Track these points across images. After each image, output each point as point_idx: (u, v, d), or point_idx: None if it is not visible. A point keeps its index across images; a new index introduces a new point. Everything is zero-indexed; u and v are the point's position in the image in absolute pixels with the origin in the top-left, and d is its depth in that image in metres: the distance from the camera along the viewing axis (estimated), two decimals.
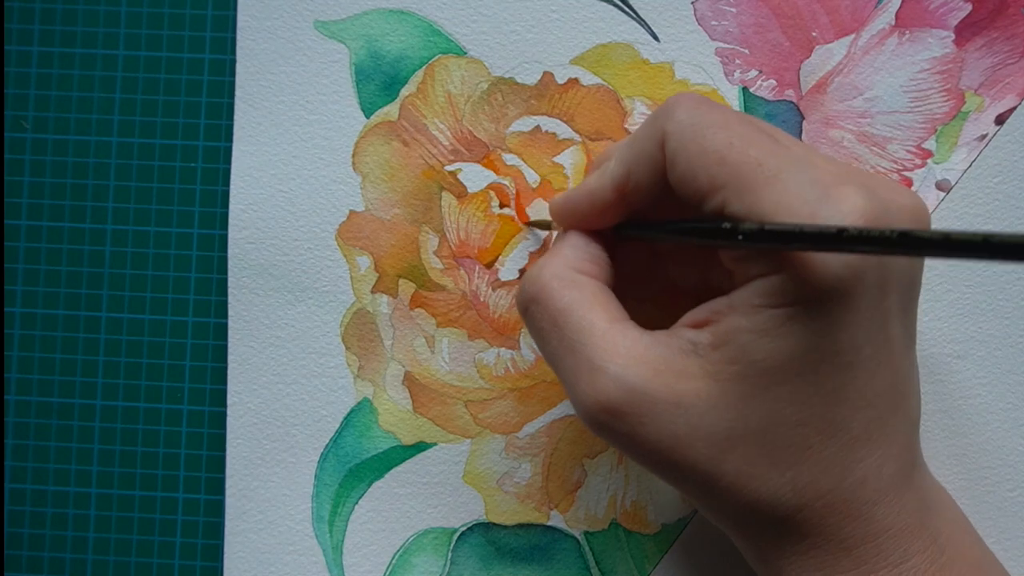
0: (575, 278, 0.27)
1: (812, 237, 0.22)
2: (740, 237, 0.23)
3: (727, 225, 0.24)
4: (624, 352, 0.25)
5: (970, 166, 0.33)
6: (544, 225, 0.32)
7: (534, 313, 0.27)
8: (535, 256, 0.33)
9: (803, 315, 0.23)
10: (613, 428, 0.25)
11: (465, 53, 0.33)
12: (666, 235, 0.26)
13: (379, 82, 0.33)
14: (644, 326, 0.26)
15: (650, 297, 0.30)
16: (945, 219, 0.33)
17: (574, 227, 0.28)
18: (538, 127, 0.33)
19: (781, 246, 0.23)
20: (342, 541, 0.34)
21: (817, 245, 0.22)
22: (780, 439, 0.24)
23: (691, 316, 0.25)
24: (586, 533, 0.33)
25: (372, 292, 0.34)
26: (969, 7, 0.33)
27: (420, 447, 0.34)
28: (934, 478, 0.27)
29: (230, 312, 0.34)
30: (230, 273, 0.34)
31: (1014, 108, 0.33)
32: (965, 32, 0.33)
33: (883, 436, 0.25)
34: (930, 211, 0.33)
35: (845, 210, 0.23)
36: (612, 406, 0.25)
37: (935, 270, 0.33)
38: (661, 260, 0.31)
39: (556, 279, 0.27)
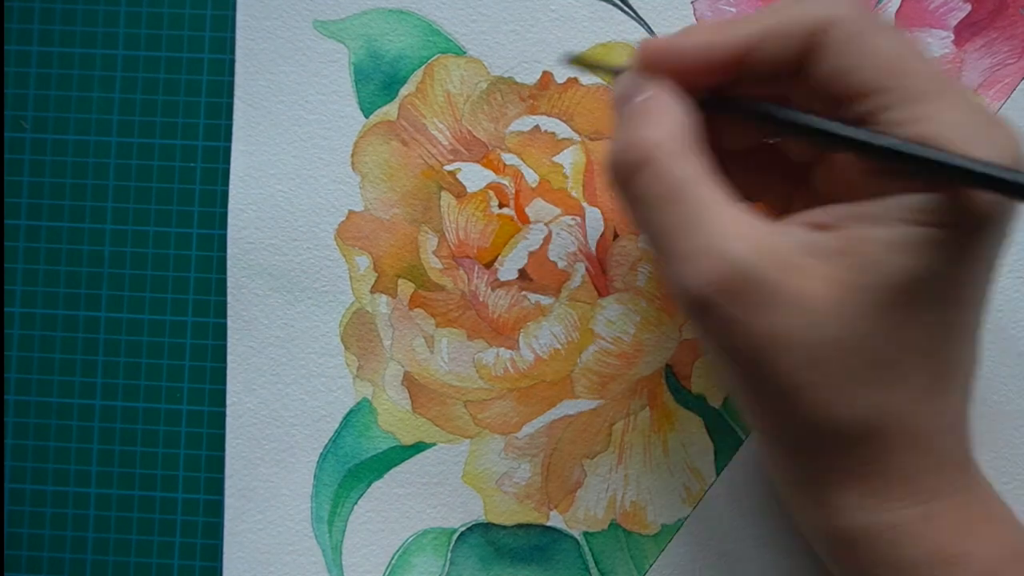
0: (687, 147, 0.24)
1: (976, 176, 0.22)
2: (890, 144, 0.22)
3: (889, 136, 0.23)
4: (747, 234, 0.23)
5: None
6: (604, 68, 0.29)
7: (640, 183, 0.24)
8: (534, 256, 0.33)
9: (948, 239, 0.23)
10: (720, 312, 0.24)
11: (464, 53, 0.33)
12: (798, 131, 0.25)
13: (378, 82, 0.33)
14: None
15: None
16: None
17: (665, 76, 0.26)
18: (537, 127, 0.33)
19: (939, 177, 0.22)
20: (341, 541, 0.34)
21: (978, 181, 0.22)
22: (885, 359, 0.24)
23: (809, 216, 0.24)
24: (585, 533, 0.33)
25: (371, 292, 0.34)
26: (968, 7, 0.33)
27: (419, 447, 0.34)
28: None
29: (229, 312, 0.34)
30: (229, 273, 0.34)
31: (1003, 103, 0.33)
32: (964, 32, 0.33)
33: (960, 376, 0.25)
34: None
35: (1001, 144, 0.22)
36: (730, 285, 0.23)
37: None
38: (748, 166, 0.29)
39: (666, 147, 0.24)
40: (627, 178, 0.25)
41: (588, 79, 0.33)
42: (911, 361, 0.24)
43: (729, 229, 0.23)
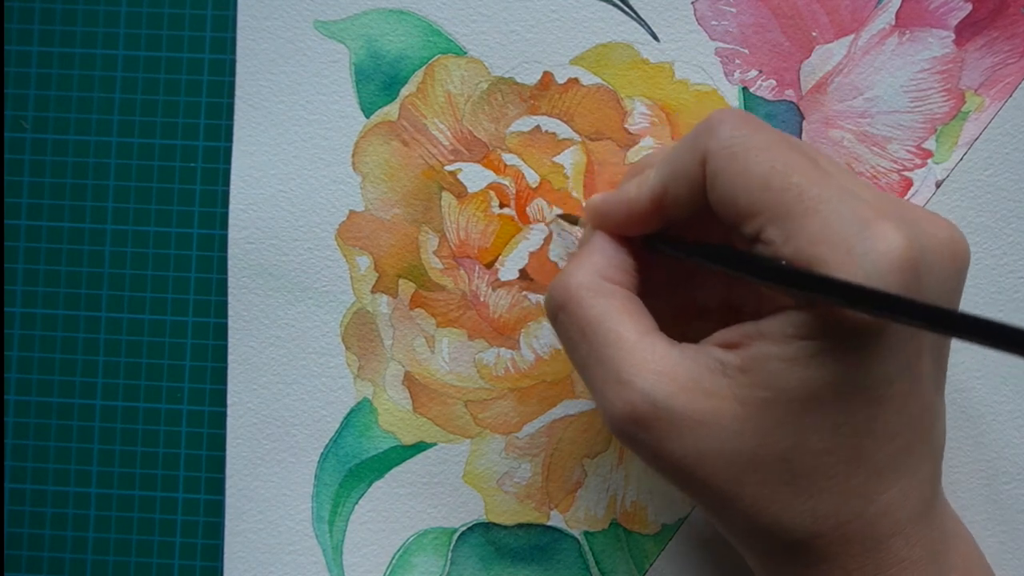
0: (604, 287, 0.27)
1: (838, 289, 0.22)
2: (767, 275, 0.23)
3: (757, 257, 0.24)
4: (652, 366, 0.25)
5: (961, 159, 0.33)
6: (572, 220, 0.32)
7: (563, 321, 0.27)
8: (535, 256, 0.33)
9: (835, 348, 0.23)
10: (638, 439, 0.25)
11: (465, 53, 0.33)
12: (696, 257, 0.26)
13: (379, 82, 0.33)
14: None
15: (670, 311, 0.30)
16: (938, 212, 0.33)
17: (606, 230, 0.28)
18: (538, 127, 0.33)
19: (806, 292, 0.23)
20: (342, 541, 0.34)
21: (843, 299, 0.22)
22: (804, 466, 0.24)
23: (720, 336, 0.25)
24: (586, 533, 0.33)
25: (372, 292, 0.34)
26: (969, 7, 0.33)
27: (420, 447, 0.34)
28: (952, 510, 0.27)
29: (230, 312, 0.34)
30: (230, 273, 0.34)
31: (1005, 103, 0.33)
32: (965, 32, 0.33)
33: (907, 468, 0.25)
34: (925, 206, 0.33)
35: (882, 248, 0.23)
36: (638, 418, 0.25)
37: None
38: (685, 275, 0.31)
39: (585, 287, 0.27)
40: (553, 317, 0.27)
41: (588, 79, 0.33)
42: (836, 465, 0.24)
43: (636, 362, 0.25)
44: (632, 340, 0.25)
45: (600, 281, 0.27)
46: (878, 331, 0.23)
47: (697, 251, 0.26)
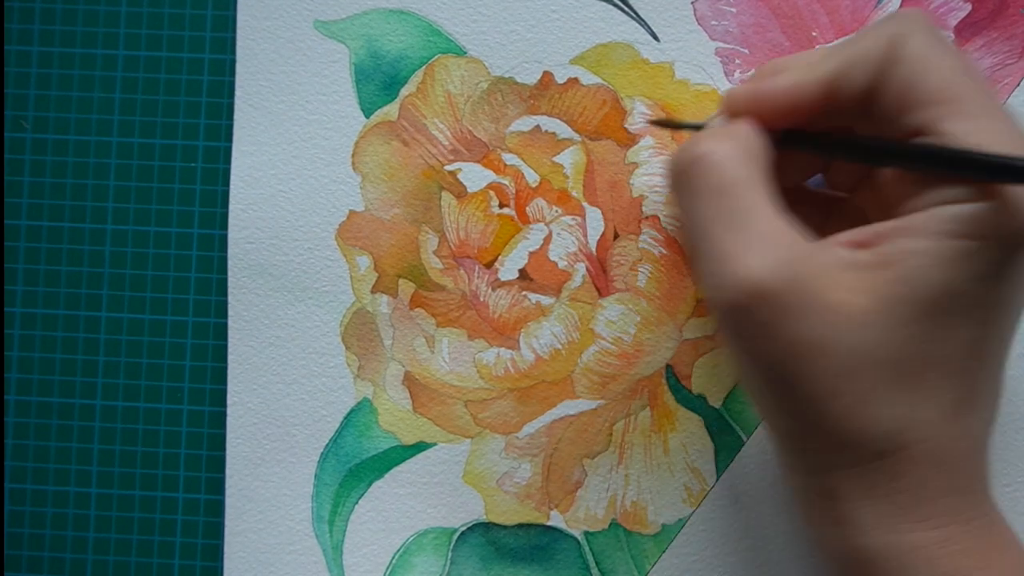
0: (752, 157, 0.25)
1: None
2: (951, 160, 0.23)
3: (936, 146, 0.23)
4: (788, 243, 0.24)
5: None
6: (674, 126, 0.31)
7: (697, 173, 0.25)
8: (535, 256, 0.33)
9: (992, 254, 0.23)
10: (756, 315, 0.24)
11: (465, 53, 0.33)
12: (853, 151, 0.25)
13: (379, 82, 0.33)
14: None
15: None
16: None
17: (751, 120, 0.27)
18: (538, 127, 0.33)
19: (993, 176, 0.22)
20: (342, 541, 0.34)
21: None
22: (919, 372, 0.23)
23: (848, 236, 0.24)
24: (586, 533, 0.33)
25: (372, 292, 0.34)
26: (969, 7, 0.33)
27: (420, 447, 0.34)
28: None
29: (230, 312, 0.34)
30: (230, 273, 0.34)
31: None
32: (965, 32, 0.33)
33: (987, 397, 0.25)
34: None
35: None
36: (768, 289, 0.23)
37: None
38: (801, 193, 0.30)
39: (729, 150, 0.25)
40: (681, 171, 0.25)
41: (588, 79, 0.33)
42: (940, 378, 0.24)
43: (773, 235, 0.24)
44: (769, 213, 0.24)
45: (744, 151, 0.25)
46: None
47: (854, 144, 0.25)
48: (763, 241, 0.24)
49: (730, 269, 0.24)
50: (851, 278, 0.23)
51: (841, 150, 0.26)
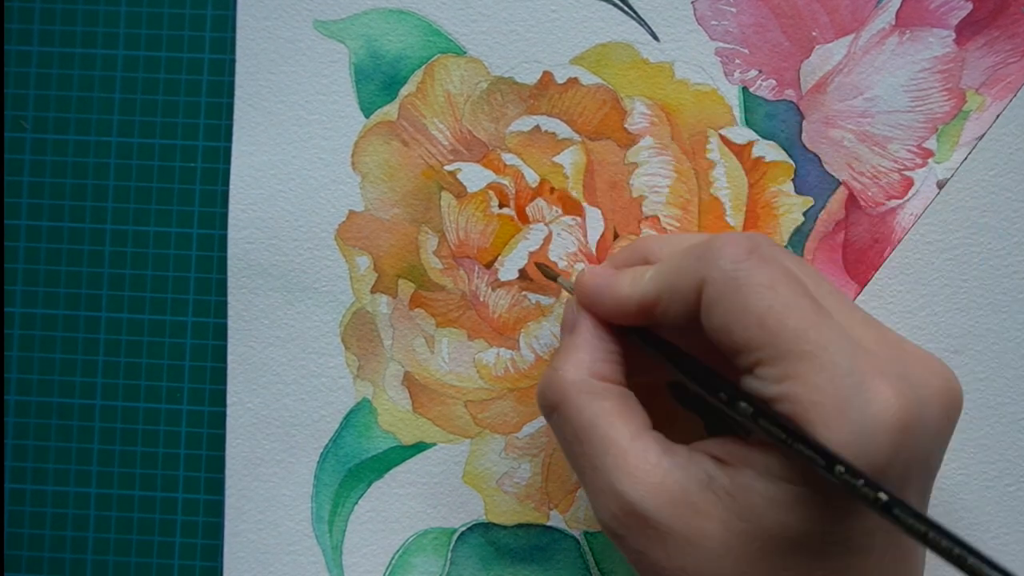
0: (595, 387, 0.27)
1: (809, 453, 0.22)
2: (744, 412, 0.24)
3: (724, 396, 0.24)
4: (643, 476, 0.25)
5: (965, 159, 0.33)
6: (551, 276, 0.32)
7: (556, 421, 0.27)
8: (535, 256, 0.33)
9: (818, 499, 0.23)
10: (626, 544, 0.25)
11: (464, 53, 0.33)
12: (677, 369, 0.26)
13: (378, 82, 0.33)
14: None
15: (655, 388, 0.30)
16: (941, 212, 0.33)
17: (591, 313, 0.28)
18: (537, 127, 0.33)
19: (780, 442, 0.23)
20: (342, 541, 0.34)
21: (806, 461, 0.22)
22: None
23: (713, 447, 0.25)
24: (586, 533, 0.33)
25: (371, 292, 0.34)
26: (970, 6, 0.33)
27: (420, 447, 0.34)
28: None
29: (230, 312, 0.34)
30: (230, 273, 0.34)
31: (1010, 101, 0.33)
32: (966, 31, 0.33)
33: None
34: (926, 207, 0.33)
35: (875, 410, 0.23)
36: (628, 522, 0.25)
37: (932, 264, 0.33)
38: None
39: (576, 388, 0.27)
40: (548, 415, 0.28)
41: (588, 79, 0.33)
42: None
43: (629, 469, 0.25)
44: (624, 446, 0.25)
45: (591, 381, 0.27)
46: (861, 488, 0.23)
47: (680, 364, 0.26)
48: (619, 479, 0.25)
49: (599, 505, 0.26)
50: (708, 503, 0.24)
51: (672, 365, 0.26)
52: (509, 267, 0.33)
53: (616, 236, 0.33)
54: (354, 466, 0.34)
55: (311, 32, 0.34)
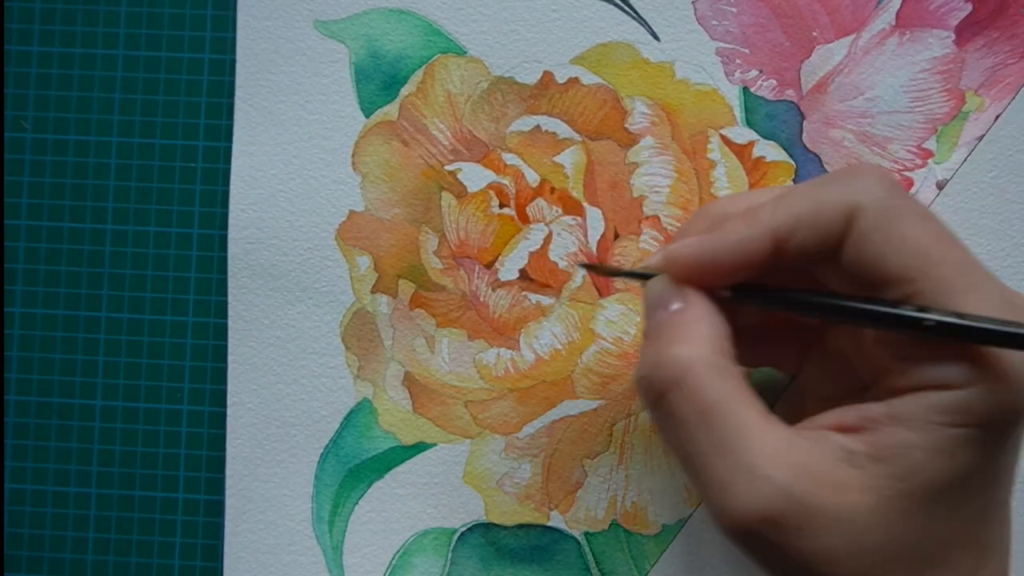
0: (724, 365, 0.24)
1: (1017, 339, 0.21)
2: (929, 325, 0.22)
3: (913, 310, 0.22)
4: (787, 457, 0.23)
5: (964, 160, 0.33)
6: (609, 272, 0.30)
7: (675, 402, 0.24)
8: (535, 256, 0.33)
9: (989, 437, 0.22)
10: (767, 538, 0.23)
11: (465, 52, 0.33)
12: (819, 311, 0.24)
13: (379, 82, 0.33)
14: None
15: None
16: (941, 214, 0.32)
17: (699, 282, 0.25)
18: (538, 126, 0.33)
19: (981, 341, 0.21)
20: (342, 541, 0.34)
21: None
22: (930, 555, 0.23)
23: (836, 418, 0.24)
24: (586, 533, 0.33)
25: (372, 292, 0.34)
26: (970, 7, 0.33)
27: (420, 447, 0.33)
28: None
29: (230, 312, 0.34)
30: (230, 273, 0.34)
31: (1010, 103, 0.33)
32: (966, 32, 0.33)
33: (1002, 546, 0.24)
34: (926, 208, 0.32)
35: None
36: (773, 515, 0.23)
37: None
38: (761, 336, 0.29)
39: (701, 364, 0.24)
40: (659, 397, 0.24)
41: (589, 79, 0.33)
42: (956, 549, 0.23)
43: (768, 453, 0.23)
44: (759, 428, 0.23)
45: (715, 357, 0.24)
46: None
47: (815, 302, 0.24)
48: (760, 465, 0.23)
49: (731, 500, 0.23)
50: (851, 476, 0.23)
51: (798, 307, 0.25)
52: (509, 267, 0.33)
53: (617, 236, 0.33)
54: (354, 466, 0.33)
55: (311, 32, 0.34)
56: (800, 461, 0.23)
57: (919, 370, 0.23)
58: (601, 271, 0.31)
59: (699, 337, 0.24)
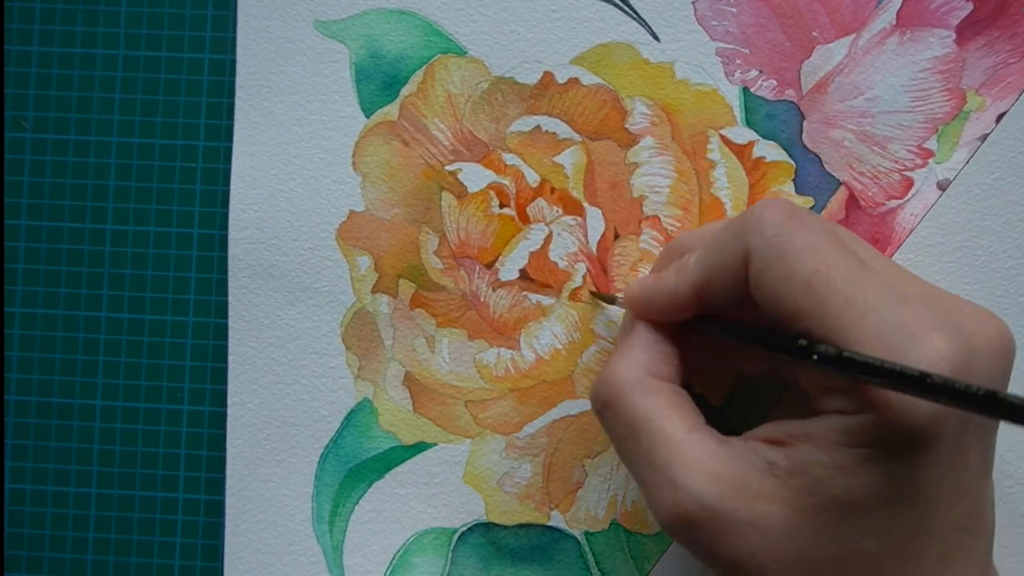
0: (650, 383, 0.27)
1: (893, 375, 0.21)
2: (815, 358, 0.23)
3: (803, 343, 0.23)
4: (702, 466, 0.25)
5: (967, 162, 0.33)
6: (608, 300, 0.32)
7: (609, 418, 0.27)
8: (535, 256, 0.33)
9: (883, 456, 0.23)
10: (691, 539, 0.25)
11: (465, 53, 0.33)
12: (741, 339, 0.26)
13: (379, 82, 0.33)
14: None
15: (716, 383, 0.30)
16: (942, 215, 0.33)
17: (646, 319, 0.28)
18: (538, 127, 0.33)
19: (858, 376, 0.22)
20: (342, 541, 0.34)
21: (897, 385, 0.21)
22: (855, 570, 0.24)
23: (766, 432, 0.25)
24: (586, 533, 0.33)
25: (372, 292, 0.34)
26: (970, 6, 0.33)
27: (420, 447, 0.34)
28: None
29: (230, 312, 0.34)
30: (230, 273, 0.34)
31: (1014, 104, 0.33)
32: (966, 31, 0.33)
33: (958, 561, 0.25)
34: (927, 208, 0.33)
35: (931, 359, 0.22)
36: (690, 520, 0.25)
37: (933, 267, 0.33)
38: (730, 352, 0.31)
39: (630, 384, 0.27)
40: (599, 412, 0.28)
41: (589, 79, 0.33)
42: (888, 567, 0.24)
43: (686, 464, 0.25)
44: (680, 438, 0.25)
45: (646, 377, 0.27)
46: (927, 437, 0.23)
47: (740, 333, 0.26)
48: (678, 475, 0.25)
49: (658, 502, 0.25)
50: (769, 486, 0.24)
51: (732, 336, 0.26)
52: (510, 267, 0.33)
53: (617, 236, 0.33)
54: (355, 466, 0.34)
55: (311, 32, 0.34)
56: (717, 471, 0.25)
57: (824, 397, 0.24)
58: (604, 299, 0.33)
59: (632, 360, 0.27)
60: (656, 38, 0.33)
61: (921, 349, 0.23)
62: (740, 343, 0.26)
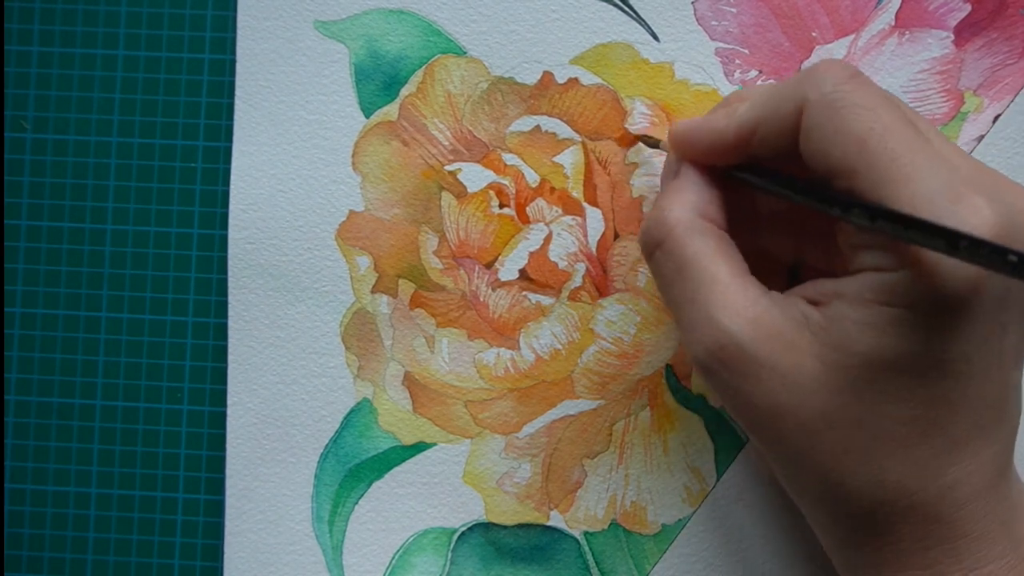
0: (700, 225, 0.27)
1: (934, 231, 0.21)
2: (859, 213, 0.23)
3: (844, 203, 0.23)
4: (742, 310, 0.25)
5: None
6: (654, 143, 0.32)
7: (659, 258, 0.27)
8: (535, 256, 0.33)
9: (915, 319, 0.23)
10: (720, 377, 0.25)
11: (465, 53, 0.33)
12: (783, 189, 0.26)
13: (379, 82, 0.34)
14: None
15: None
16: None
17: (689, 159, 0.28)
18: (538, 127, 0.33)
19: (898, 231, 0.22)
20: (342, 541, 0.34)
21: (936, 242, 0.21)
22: (876, 432, 0.24)
23: (806, 290, 0.26)
24: (586, 533, 0.33)
25: (372, 292, 0.34)
26: (968, 8, 0.33)
27: (420, 447, 0.34)
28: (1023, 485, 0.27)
29: (230, 312, 0.34)
30: (230, 273, 0.34)
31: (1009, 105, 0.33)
32: (964, 33, 0.33)
33: (980, 443, 0.25)
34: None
35: (973, 222, 0.22)
36: (722, 358, 0.25)
37: None
38: (758, 223, 0.30)
39: (682, 225, 0.27)
40: (650, 253, 0.28)
41: (589, 79, 0.33)
42: (908, 434, 0.24)
43: (728, 305, 0.25)
44: (726, 282, 0.26)
45: (696, 219, 0.27)
46: (962, 304, 0.23)
47: (784, 182, 0.26)
48: (717, 311, 0.25)
49: (695, 337, 0.26)
50: (804, 340, 0.25)
51: (780, 187, 0.26)
52: (509, 267, 0.33)
53: (616, 236, 0.33)
54: (354, 466, 0.34)
55: (311, 32, 0.34)
56: (758, 317, 0.25)
57: (861, 254, 0.24)
58: (649, 143, 0.32)
59: (684, 202, 0.27)
60: (656, 38, 0.33)
61: (964, 212, 0.22)
62: (779, 194, 0.26)
